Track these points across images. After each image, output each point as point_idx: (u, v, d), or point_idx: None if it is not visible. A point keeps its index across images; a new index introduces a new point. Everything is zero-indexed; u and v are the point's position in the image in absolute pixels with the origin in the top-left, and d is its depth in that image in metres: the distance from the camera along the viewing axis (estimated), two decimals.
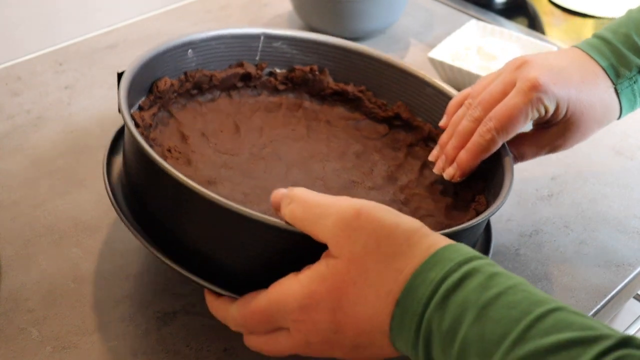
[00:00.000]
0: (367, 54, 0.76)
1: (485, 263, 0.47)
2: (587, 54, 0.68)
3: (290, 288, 0.50)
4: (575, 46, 0.69)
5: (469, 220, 0.64)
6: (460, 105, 0.69)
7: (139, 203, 0.60)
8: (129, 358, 0.61)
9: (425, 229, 0.49)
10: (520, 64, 0.65)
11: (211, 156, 0.66)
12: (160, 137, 0.66)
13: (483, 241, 0.66)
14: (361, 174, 0.69)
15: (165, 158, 0.64)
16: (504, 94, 0.65)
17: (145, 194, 0.59)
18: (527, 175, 0.82)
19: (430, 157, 0.69)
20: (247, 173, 0.66)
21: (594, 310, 0.68)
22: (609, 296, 0.70)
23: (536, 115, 0.64)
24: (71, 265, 0.68)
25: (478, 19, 1.07)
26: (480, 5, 1.13)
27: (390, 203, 0.67)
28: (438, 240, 0.48)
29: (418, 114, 0.75)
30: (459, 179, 0.67)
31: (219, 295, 0.55)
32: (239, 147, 0.68)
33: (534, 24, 1.14)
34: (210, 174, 0.64)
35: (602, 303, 0.69)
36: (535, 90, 0.63)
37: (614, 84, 0.67)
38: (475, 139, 0.65)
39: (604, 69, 0.67)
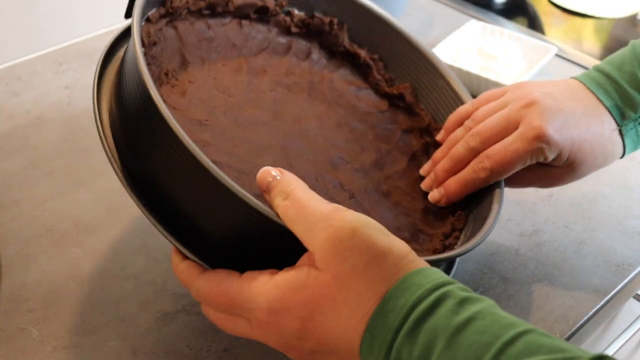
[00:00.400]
0: (390, 25, 0.74)
1: (455, 287, 0.46)
2: (593, 93, 0.66)
3: (264, 287, 0.48)
4: (580, 80, 0.67)
5: (443, 233, 0.64)
6: (460, 123, 0.68)
7: (123, 128, 0.56)
8: (129, 358, 0.61)
9: (413, 255, 0.48)
10: (528, 103, 0.63)
11: (207, 91, 0.62)
12: (160, 56, 0.62)
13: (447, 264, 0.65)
14: (351, 152, 0.68)
15: (160, 83, 0.60)
16: (506, 132, 0.63)
17: (131, 121, 0.55)
18: None
19: (422, 171, 0.69)
20: (239, 122, 0.63)
21: (593, 310, 0.68)
22: (609, 296, 0.70)
23: (534, 162, 0.63)
24: (71, 265, 0.68)
25: (478, 19, 1.07)
26: (480, 6, 1.13)
27: (372, 192, 0.66)
28: (420, 266, 0.48)
29: (422, 100, 0.73)
30: (443, 205, 0.66)
31: (186, 257, 0.53)
32: (237, 88, 0.65)
33: (534, 24, 1.14)
34: (202, 114, 0.61)
35: (601, 303, 0.69)
36: (538, 140, 0.62)
37: (618, 125, 0.66)
38: (468, 173, 0.64)
39: (608, 109, 0.65)
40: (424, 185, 0.68)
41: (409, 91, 0.73)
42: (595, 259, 0.73)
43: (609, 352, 0.80)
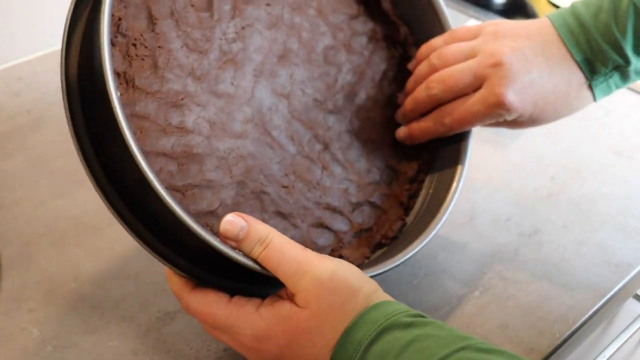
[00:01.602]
0: None
1: (402, 316, 0.50)
2: (565, 44, 0.65)
3: (250, 316, 0.53)
4: (555, 26, 0.65)
5: (409, 177, 0.69)
6: (430, 54, 0.68)
7: (89, 106, 0.54)
8: (130, 357, 0.61)
9: (380, 292, 0.53)
10: (496, 63, 0.63)
11: (179, 55, 0.59)
12: (125, 17, 0.57)
13: None
14: (325, 88, 0.67)
15: (130, 60, 0.56)
16: (469, 88, 0.64)
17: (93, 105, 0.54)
18: (526, 175, 0.82)
19: (399, 100, 0.71)
20: (213, 87, 0.60)
21: (593, 310, 0.68)
22: (608, 296, 0.70)
23: (494, 121, 0.65)
24: (72, 265, 0.68)
25: (477, 19, 1.07)
26: (480, 6, 1.13)
27: (344, 136, 0.67)
28: (382, 299, 0.52)
29: (399, 6, 0.71)
30: (408, 144, 0.70)
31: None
32: (208, 38, 0.61)
33: None
34: (177, 89, 0.58)
35: (601, 303, 0.69)
36: (498, 107, 0.63)
37: (588, 79, 0.65)
38: (429, 124, 0.67)
39: (578, 63, 0.64)
40: (397, 116, 0.71)
41: None
42: (595, 258, 0.73)
43: (609, 351, 0.80)
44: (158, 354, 0.61)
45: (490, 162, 0.84)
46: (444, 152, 0.69)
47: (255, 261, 0.52)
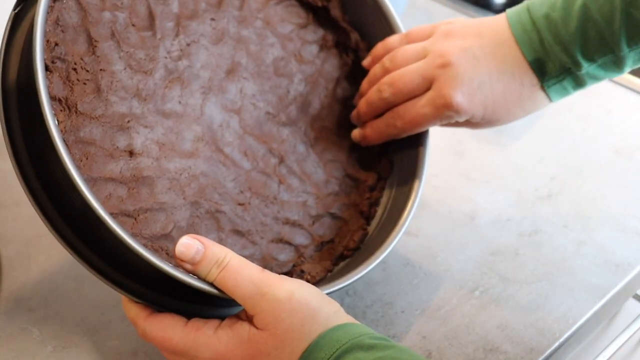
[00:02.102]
0: None
1: (366, 338, 0.49)
2: (516, 42, 0.62)
3: (208, 339, 0.52)
4: (509, 21, 0.63)
5: (369, 186, 0.68)
6: (386, 53, 0.68)
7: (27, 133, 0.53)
8: (130, 357, 0.61)
9: (341, 312, 0.52)
10: (444, 64, 0.62)
11: (122, 76, 0.58)
12: (63, 42, 0.55)
13: None
14: (277, 101, 0.66)
15: (70, 84, 0.55)
16: (418, 89, 0.64)
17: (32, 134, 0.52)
18: (526, 175, 0.82)
19: (355, 101, 0.70)
20: (160, 107, 0.59)
21: (593, 310, 0.68)
22: (608, 296, 0.70)
23: (445, 123, 0.64)
24: (72, 264, 0.68)
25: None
26: (480, 6, 1.13)
27: (300, 147, 0.66)
28: (344, 321, 0.52)
29: (348, 12, 0.71)
30: (363, 145, 0.69)
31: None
32: (152, 57, 0.60)
33: None
34: (122, 112, 0.57)
35: (601, 303, 0.69)
36: (446, 109, 0.62)
37: (540, 81, 0.63)
38: (381, 126, 0.66)
39: (530, 63, 0.62)
40: (352, 117, 0.70)
41: (335, 4, 0.70)
42: (595, 258, 0.73)
43: (609, 351, 0.80)
44: (158, 354, 0.61)
45: (490, 162, 0.84)
46: (403, 157, 0.68)
47: (212, 284, 0.52)
